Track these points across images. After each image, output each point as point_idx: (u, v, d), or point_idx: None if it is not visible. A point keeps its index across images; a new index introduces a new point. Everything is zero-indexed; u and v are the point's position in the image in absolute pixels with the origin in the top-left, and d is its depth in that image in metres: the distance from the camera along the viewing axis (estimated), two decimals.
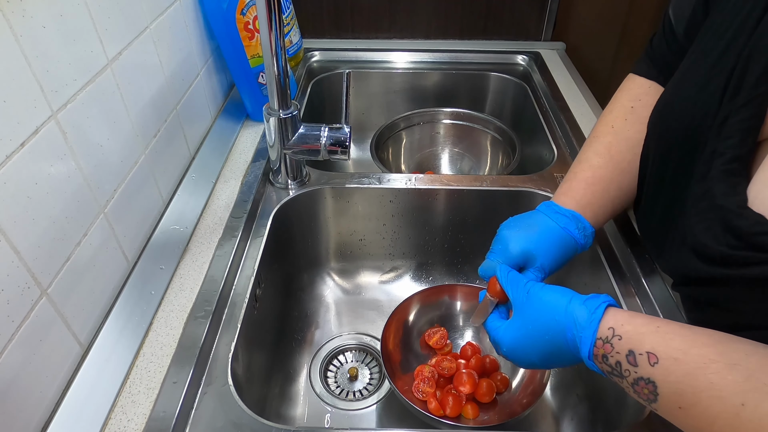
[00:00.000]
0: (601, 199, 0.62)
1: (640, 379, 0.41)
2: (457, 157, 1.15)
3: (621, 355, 0.42)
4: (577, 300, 0.48)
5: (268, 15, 0.64)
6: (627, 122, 0.64)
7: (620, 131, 0.64)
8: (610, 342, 0.43)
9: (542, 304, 0.49)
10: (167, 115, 0.75)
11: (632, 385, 0.42)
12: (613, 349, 0.43)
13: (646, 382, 0.41)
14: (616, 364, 0.43)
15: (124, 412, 0.51)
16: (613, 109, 0.66)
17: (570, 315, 0.47)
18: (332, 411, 0.74)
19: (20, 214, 0.46)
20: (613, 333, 0.44)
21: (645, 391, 0.41)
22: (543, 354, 0.49)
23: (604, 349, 0.44)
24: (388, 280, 0.92)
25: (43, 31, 0.49)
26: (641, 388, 0.41)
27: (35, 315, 0.48)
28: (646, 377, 0.41)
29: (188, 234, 0.71)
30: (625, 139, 0.63)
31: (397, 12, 1.24)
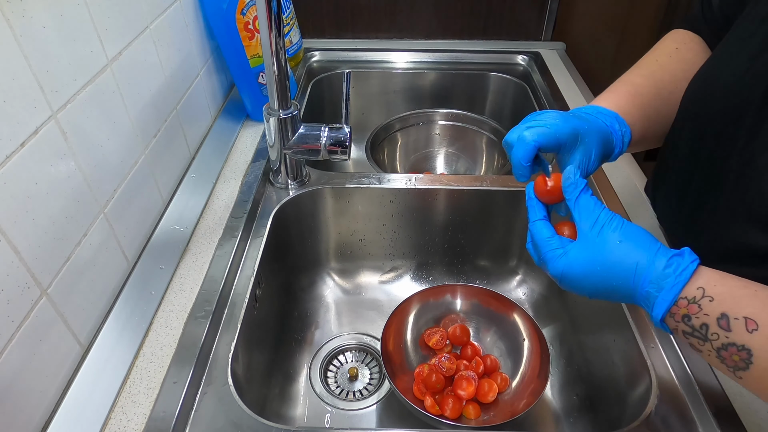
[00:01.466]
0: (640, 111, 0.58)
1: (731, 344, 0.37)
2: (453, 158, 1.15)
3: (710, 317, 0.39)
4: (662, 255, 0.42)
5: (268, 15, 0.64)
6: (671, 59, 0.62)
7: (664, 64, 0.62)
8: (698, 303, 0.39)
9: (621, 243, 0.43)
10: (167, 115, 0.75)
11: (718, 350, 0.38)
12: (700, 310, 0.39)
13: (739, 349, 0.37)
14: (701, 327, 0.39)
15: (124, 412, 0.51)
16: (656, 49, 0.65)
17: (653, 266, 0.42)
18: (332, 411, 0.74)
19: (20, 214, 0.46)
20: (703, 293, 0.39)
21: (735, 358, 0.37)
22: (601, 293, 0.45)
23: (688, 309, 0.40)
24: (388, 280, 0.92)
25: (43, 31, 0.49)
26: (730, 354, 0.38)
27: (35, 315, 0.48)
28: (740, 344, 0.37)
29: (188, 234, 0.71)
30: (669, 71, 0.61)
31: (397, 12, 1.24)
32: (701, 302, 0.39)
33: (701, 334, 0.39)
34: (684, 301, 0.40)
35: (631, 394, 0.60)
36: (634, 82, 0.61)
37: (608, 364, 0.66)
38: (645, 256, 0.42)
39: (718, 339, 0.38)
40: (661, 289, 0.41)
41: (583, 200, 0.46)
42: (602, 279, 0.44)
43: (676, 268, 0.41)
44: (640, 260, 0.42)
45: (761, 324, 0.37)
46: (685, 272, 0.41)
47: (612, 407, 0.64)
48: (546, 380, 0.64)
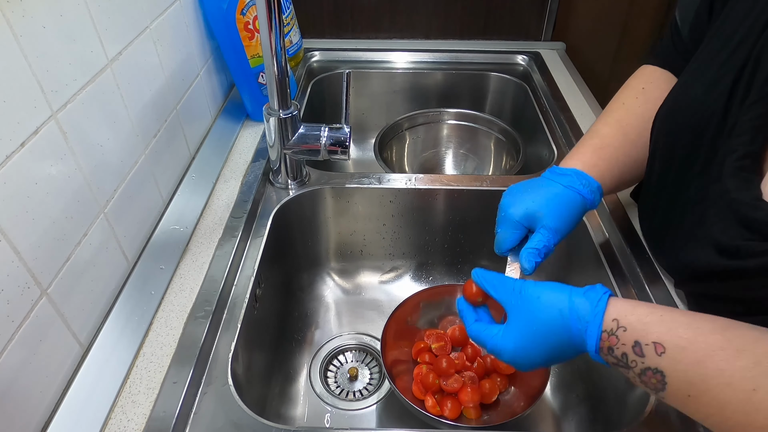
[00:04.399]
0: (608, 162, 0.62)
1: (647, 369, 0.41)
2: (461, 159, 1.15)
3: (627, 346, 0.42)
4: (577, 294, 0.46)
5: (268, 15, 0.64)
6: (638, 100, 0.65)
7: (630, 107, 0.65)
8: (615, 334, 0.43)
9: (540, 302, 0.47)
10: (167, 115, 0.75)
11: (639, 375, 0.41)
12: (618, 341, 0.42)
13: (654, 372, 0.40)
14: (622, 356, 0.42)
15: (124, 412, 0.51)
16: (624, 89, 0.68)
17: (573, 311, 0.45)
18: (332, 411, 0.74)
19: (20, 214, 0.46)
20: (618, 324, 0.43)
21: (653, 381, 0.40)
22: (547, 354, 0.48)
23: (609, 341, 0.43)
24: (388, 280, 0.92)
25: (43, 31, 0.49)
26: (649, 378, 0.41)
27: (35, 315, 0.48)
28: (653, 367, 0.40)
29: (188, 234, 0.71)
30: (635, 114, 0.64)
31: (397, 12, 1.24)
32: (617, 333, 0.42)
33: (624, 363, 0.42)
34: (605, 334, 0.43)
35: (631, 394, 0.60)
36: (601, 134, 0.64)
37: None
38: (564, 299, 0.46)
39: (637, 365, 0.41)
40: (587, 323, 0.44)
41: (494, 278, 0.53)
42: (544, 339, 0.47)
43: (592, 300, 0.45)
44: (562, 305, 0.46)
45: (668, 346, 0.40)
46: (600, 302, 0.44)
47: (612, 407, 0.64)
48: (546, 380, 0.64)
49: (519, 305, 0.49)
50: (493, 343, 0.50)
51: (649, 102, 0.63)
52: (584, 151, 0.63)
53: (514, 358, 0.49)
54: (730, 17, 0.53)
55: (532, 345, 0.48)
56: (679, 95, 0.57)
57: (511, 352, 0.49)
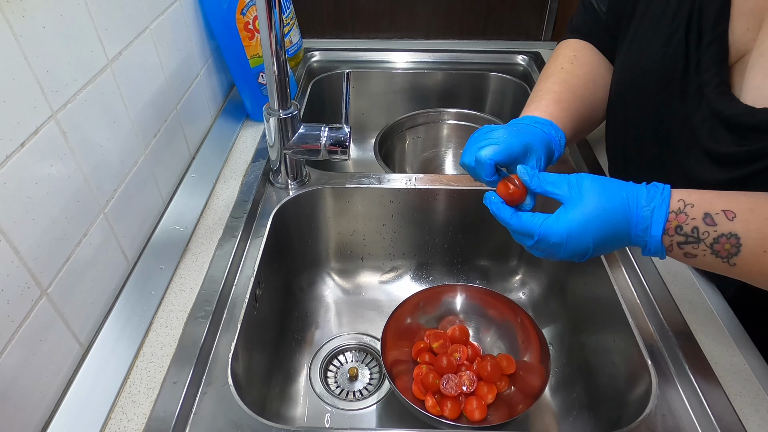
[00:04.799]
0: (566, 114, 0.65)
1: (721, 236, 0.44)
2: None
3: (697, 220, 0.45)
4: (642, 186, 0.49)
5: (268, 15, 0.64)
6: (573, 65, 0.71)
7: (570, 71, 0.71)
8: (684, 212, 0.45)
9: (604, 190, 0.48)
10: (167, 115, 0.75)
11: (711, 245, 0.44)
12: (687, 216, 0.45)
13: (728, 237, 0.43)
14: (693, 230, 0.45)
15: (124, 412, 0.51)
16: (555, 59, 0.74)
17: (638, 196, 0.47)
18: (332, 411, 0.74)
19: (20, 214, 0.46)
20: (684, 203, 0.46)
21: (727, 246, 0.43)
22: (601, 239, 0.48)
23: (678, 220, 0.46)
24: (388, 280, 0.92)
25: (43, 31, 0.49)
26: (722, 245, 0.43)
27: (35, 315, 0.48)
28: (727, 232, 0.43)
29: (188, 234, 0.71)
30: (576, 75, 0.70)
31: (397, 12, 1.24)
32: (686, 210, 0.46)
33: (694, 238, 0.45)
34: (672, 215, 0.46)
35: (631, 394, 0.60)
36: (553, 90, 0.68)
37: (608, 364, 0.66)
38: (628, 190, 0.48)
39: (708, 236, 0.44)
40: (653, 209, 0.47)
41: (544, 175, 0.51)
42: (602, 224, 0.48)
43: (657, 190, 0.48)
44: (627, 194, 0.48)
45: (737, 211, 0.44)
46: (665, 189, 0.47)
47: (612, 407, 0.64)
48: (546, 380, 0.64)
49: (578, 195, 0.49)
50: (546, 227, 0.49)
51: (584, 66, 0.71)
52: (546, 104, 0.65)
53: (566, 240, 0.49)
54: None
55: (587, 230, 0.48)
56: (636, 54, 0.64)
57: (563, 235, 0.48)
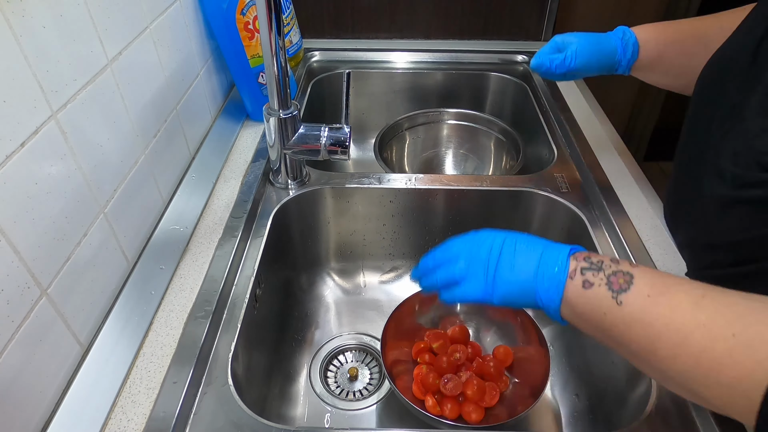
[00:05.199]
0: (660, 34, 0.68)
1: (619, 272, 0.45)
2: (461, 159, 1.15)
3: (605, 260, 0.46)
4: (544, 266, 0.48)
5: (268, 15, 0.64)
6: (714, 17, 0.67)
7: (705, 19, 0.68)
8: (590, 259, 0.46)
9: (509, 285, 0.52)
10: (167, 115, 0.75)
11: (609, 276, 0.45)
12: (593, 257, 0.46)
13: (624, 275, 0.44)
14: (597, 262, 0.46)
15: (124, 412, 0.51)
16: None
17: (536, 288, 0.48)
18: (332, 411, 0.74)
19: (20, 214, 0.46)
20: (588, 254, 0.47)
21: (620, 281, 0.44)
22: None
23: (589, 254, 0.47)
24: (388, 280, 0.92)
25: (43, 31, 0.49)
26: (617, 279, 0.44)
27: (35, 315, 0.48)
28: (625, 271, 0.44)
29: (188, 234, 0.71)
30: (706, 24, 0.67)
31: (397, 12, 1.24)
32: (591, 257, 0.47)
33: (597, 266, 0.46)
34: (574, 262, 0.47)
35: (631, 394, 0.60)
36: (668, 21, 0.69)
37: (608, 364, 0.66)
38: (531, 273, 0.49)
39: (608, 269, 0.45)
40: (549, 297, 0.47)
41: None
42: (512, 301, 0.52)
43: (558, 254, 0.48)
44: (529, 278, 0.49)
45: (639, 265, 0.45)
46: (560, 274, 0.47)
47: (612, 407, 0.64)
48: (546, 380, 0.64)
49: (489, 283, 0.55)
50: None
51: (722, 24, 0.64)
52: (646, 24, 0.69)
53: None
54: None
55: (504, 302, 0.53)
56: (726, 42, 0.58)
57: None
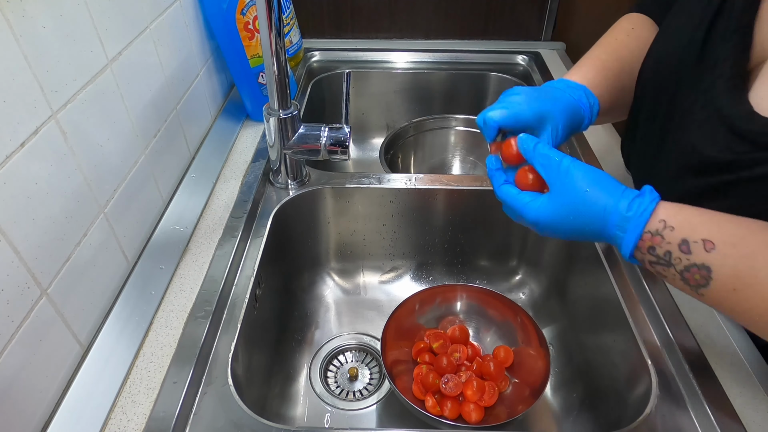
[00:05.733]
0: (607, 82, 0.63)
1: (692, 266, 0.42)
2: (470, 166, 1.14)
3: (673, 245, 0.43)
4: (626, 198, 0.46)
5: (268, 15, 0.64)
6: (629, 37, 0.68)
7: (623, 42, 0.68)
8: (661, 234, 0.44)
9: (589, 187, 0.47)
10: (167, 115, 0.75)
11: (681, 272, 0.43)
12: (663, 240, 0.43)
13: (699, 268, 0.41)
14: (665, 254, 0.43)
15: (124, 412, 0.51)
16: (612, 30, 0.71)
17: (619, 205, 0.46)
18: (332, 411, 0.74)
19: (20, 214, 0.46)
20: (665, 225, 0.44)
21: (697, 277, 0.42)
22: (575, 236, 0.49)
23: (652, 241, 0.44)
24: (388, 280, 0.92)
25: (43, 31, 0.49)
26: (692, 275, 0.42)
27: (35, 315, 0.48)
28: (699, 263, 0.41)
29: (188, 234, 0.71)
30: (629, 48, 0.66)
31: (397, 12, 1.24)
32: (663, 233, 0.44)
33: (666, 261, 0.44)
34: (648, 235, 0.44)
35: (631, 394, 0.60)
36: (600, 58, 0.66)
37: (608, 364, 0.66)
38: (610, 201, 0.46)
39: (680, 262, 0.43)
40: (625, 231, 0.45)
41: (540, 149, 0.50)
42: (574, 223, 0.48)
43: (636, 210, 0.45)
44: (606, 205, 0.46)
45: (717, 243, 0.41)
46: (645, 212, 0.45)
47: (612, 407, 0.64)
48: (546, 380, 0.64)
49: (561, 185, 0.48)
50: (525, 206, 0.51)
51: (639, 39, 0.66)
52: (587, 69, 0.64)
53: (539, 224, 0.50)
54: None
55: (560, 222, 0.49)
56: (665, 37, 0.61)
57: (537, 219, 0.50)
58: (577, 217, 0.47)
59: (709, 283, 0.41)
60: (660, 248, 0.44)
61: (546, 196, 0.50)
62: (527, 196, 0.51)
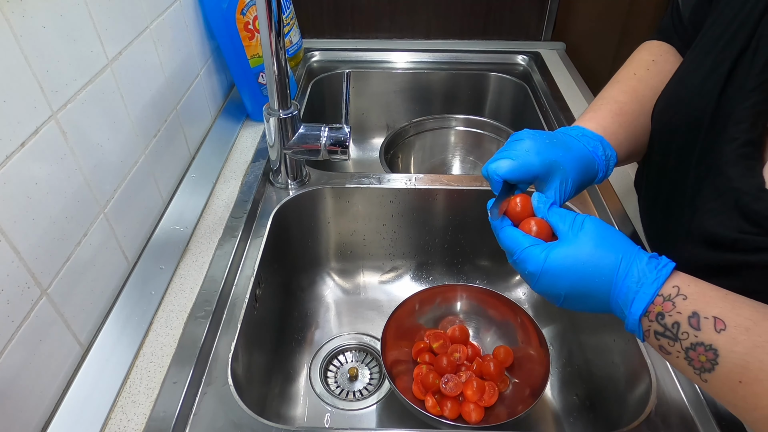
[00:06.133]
0: (626, 131, 0.58)
1: (699, 344, 0.38)
2: (470, 166, 1.14)
3: (682, 315, 0.39)
4: (642, 252, 0.43)
5: (268, 15, 0.64)
6: (649, 72, 0.62)
7: (643, 78, 0.62)
8: (673, 300, 0.40)
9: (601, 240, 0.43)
10: (167, 115, 0.75)
11: (687, 349, 0.39)
12: (674, 308, 0.40)
13: (706, 349, 0.37)
14: (673, 325, 0.39)
15: (124, 412, 0.51)
16: (632, 61, 0.65)
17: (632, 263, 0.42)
18: (332, 411, 0.74)
19: (20, 214, 0.46)
20: (678, 291, 0.40)
21: (702, 359, 0.38)
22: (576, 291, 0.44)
23: (663, 306, 0.40)
24: (388, 280, 0.92)
25: (43, 31, 0.49)
26: (698, 354, 0.38)
27: (35, 315, 0.48)
28: (707, 343, 0.37)
29: (188, 234, 0.71)
30: (649, 86, 0.61)
31: (397, 12, 1.24)
32: (675, 300, 0.40)
33: (672, 333, 0.40)
34: (660, 299, 0.41)
35: (631, 394, 0.60)
36: (618, 100, 0.60)
37: (608, 364, 0.66)
38: (628, 253, 0.43)
39: (687, 338, 0.39)
40: (642, 284, 0.41)
41: (555, 209, 0.48)
42: (582, 276, 0.43)
43: (657, 265, 0.42)
44: (624, 255, 0.43)
45: (729, 324, 0.37)
46: (665, 269, 0.41)
47: (612, 407, 0.64)
48: (546, 380, 0.64)
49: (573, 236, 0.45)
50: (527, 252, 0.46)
51: (661, 74, 0.61)
52: (604, 116, 0.59)
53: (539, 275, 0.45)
54: (728, 5, 0.52)
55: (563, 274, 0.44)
56: (677, 84, 0.55)
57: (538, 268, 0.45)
58: (588, 267, 0.43)
59: (714, 368, 0.37)
60: (669, 317, 0.40)
61: (555, 245, 0.45)
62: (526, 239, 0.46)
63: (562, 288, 0.44)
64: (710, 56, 0.51)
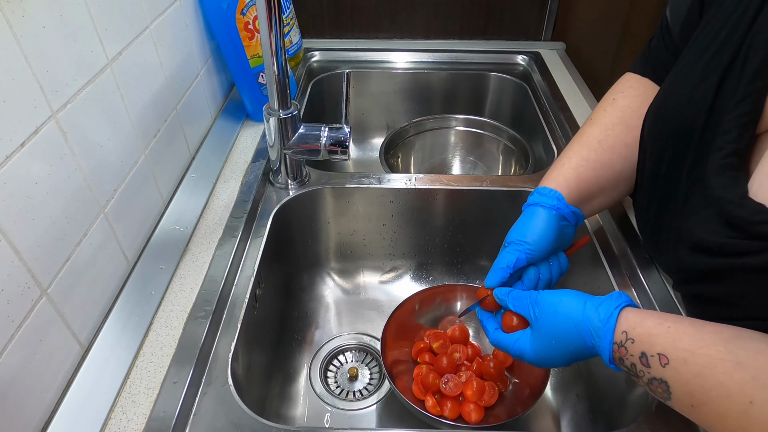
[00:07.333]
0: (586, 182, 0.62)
1: (653, 379, 0.43)
2: (470, 166, 1.14)
3: (635, 357, 0.44)
4: (591, 306, 0.48)
5: (268, 15, 0.64)
6: (606, 112, 0.66)
7: (597, 121, 0.66)
8: (624, 345, 0.45)
9: (556, 315, 0.50)
10: (167, 115, 0.75)
11: (647, 384, 0.44)
12: (627, 352, 0.45)
13: (659, 382, 0.42)
14: (631, 366, 0.44)
15: (124, 412, 0.51)
16: (599, 104, 0.69)
17: (586, 324, 0.47)
18: (332, 411, 0.74)
19: (20, 214, 0.46)
20: (627, 337, 0.45)
21: (659, 390, 0.43)
22: (567, 358, 0.51)
23: (619, 352, 0.45)
24: (388, 280, 0.92)
25: (43, 31, 0.49)
26: (656, 387, 0.43)
27: (35, 315, 0.48)
28: (658, 377, 0.42)
29: (188, 234, 0.71)
30: (604, 128, 0.64)
31: (397, 12, 1.24)
32: (626, 345, 0.45)
33: (634, 372, 0.45)
34: (615, 346, 0.46)
35: (631, 394, 0.60)
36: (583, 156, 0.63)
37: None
38: (578, 312, 0.48)
39: (644, 375, 0.44)
40: (599, 338, 0.46)
41: (513, 298, 0.55)
42: (557, 346, 0.50)
43: (603, 315, 0.47)
44: (576, 317, 0.48)
45: (671, 358, 0.42)
46: (611, 318, 0.46)
47: (612, 407, 0.64)
48: (546, 380, 0.64)
49: (538, 315, 0.52)
50: (517, 347, 0.54)
51: (616, 111, 0.65)
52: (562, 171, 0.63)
53: (537, 360, 0.53)
54: (718, 13, 0.52)
55: (551, 351, 0.51)
56: (667, 93, 0.57)
57: (532, 356, 0.53)
58: (558, 339, 0.49)
59: (670, 396, 0.42)
60: (627, 360, 0.45)
61: (527, 330, 0.53)
62: (512, 336, 0.55)
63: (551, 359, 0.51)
64: (699, 66, 0.52)
